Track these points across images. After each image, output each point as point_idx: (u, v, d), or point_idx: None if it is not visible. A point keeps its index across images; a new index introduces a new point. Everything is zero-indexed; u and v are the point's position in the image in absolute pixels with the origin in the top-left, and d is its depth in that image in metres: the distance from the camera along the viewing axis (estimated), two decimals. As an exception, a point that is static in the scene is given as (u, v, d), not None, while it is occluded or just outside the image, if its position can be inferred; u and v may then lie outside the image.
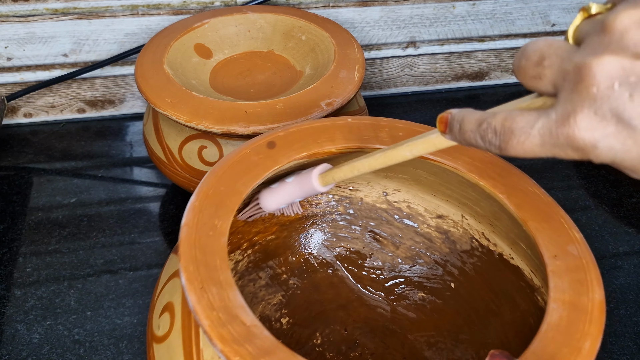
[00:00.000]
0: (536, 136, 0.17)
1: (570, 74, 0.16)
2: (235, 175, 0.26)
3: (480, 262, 0.31)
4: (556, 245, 0.24)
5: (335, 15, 0.50)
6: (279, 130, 0.28)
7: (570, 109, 0.16)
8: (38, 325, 0.35)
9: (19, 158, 0.47)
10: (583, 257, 0.24)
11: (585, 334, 0.21)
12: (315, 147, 0.28)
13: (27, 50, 0.46)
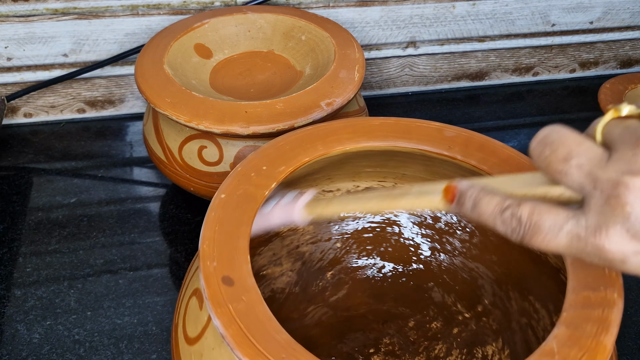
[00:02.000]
0: (563, 238, 0.17)
1: (603, 185, 0.16)
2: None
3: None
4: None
5: (335, 15, 0.50)
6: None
7: (602, 221, 0.16)
8: (38, 325, 0.35)
9: (19, 158, 0.47)
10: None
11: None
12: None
13: (27, 50, 0.46)
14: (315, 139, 0.27)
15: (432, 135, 0.28)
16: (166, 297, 0.37)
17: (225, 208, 0.23)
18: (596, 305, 0.22)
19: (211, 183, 0.38)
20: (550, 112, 0.57)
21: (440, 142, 0.28)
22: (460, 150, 0.28)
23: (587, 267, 0.23)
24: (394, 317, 0.34)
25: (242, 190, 0.24)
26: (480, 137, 0.29)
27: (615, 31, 0.59)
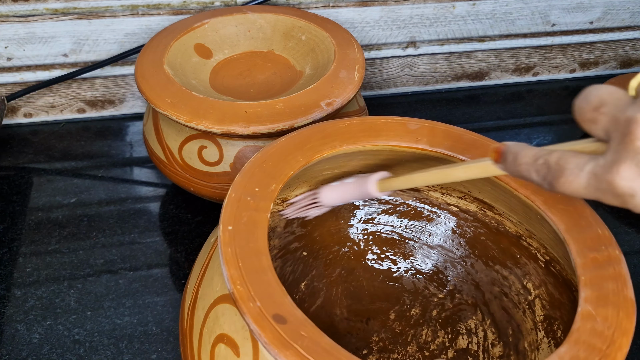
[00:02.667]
0: (583, 178, 0.18)
1: (620, 125, 0.17)
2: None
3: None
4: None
5: (335, 15, 0.50)
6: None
7: (615, 157, 0.17)
8: (38, 325, 0.35)
9: (19, 158, 0.47)
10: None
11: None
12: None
13: (27, 50, 0.46)
14: (294, 150, 0.27)
15: (398, 130, 0.29)
16: (166, 297, 0.37)
17: (238, 240, 0.23)
18: (605, 264, 0.24)
19: (211, 183, 0.38)
20: (551, 112, 0.57)
21: (407, 136, 0.29)
22: (428, 141, 0.29)
23: (580, 230, 0.25)
24: (374, 314, 0.34)
25: (245, 218, 0.24)
26: (442, 126, 0.30)
27: (615, 31, 0.59)
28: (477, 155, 0.28)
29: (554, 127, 0.55)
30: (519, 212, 0.30)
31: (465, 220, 0.34)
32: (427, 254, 0.35)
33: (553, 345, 0.29)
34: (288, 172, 0.26)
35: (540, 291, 0.31)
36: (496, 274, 0.33)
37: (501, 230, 0.32)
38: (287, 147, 0.27)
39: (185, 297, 0.27)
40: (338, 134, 0.28)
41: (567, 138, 0.53)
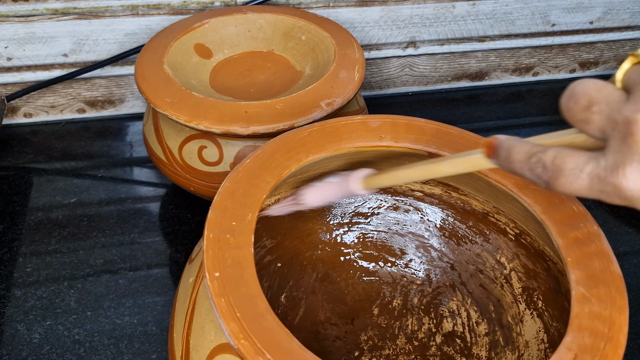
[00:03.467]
0: (585, 179, 0.17)
1: (620, 125, 0.16)
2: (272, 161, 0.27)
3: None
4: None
5: (335, 15, 0.50)
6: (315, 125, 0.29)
7: (619, 160, 0.16)
8: (38, 325, 0.35)
9: (19, 158, 0.47)
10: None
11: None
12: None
13: (27, 50, 0.46)
14: (260, 170, 0.26)
15: (360, 130, 0.29)
16: (166, 297, 0.37)
17: (228, 287, 0.21)
18: (587, 241, 0.24)
19: (211, 183, 0.38)
20: (551, 112, 0.57)
21: (370, 135, 0.29)
22: (391, 137, 0.29)
23: (555, 208, 0.25)
24: (357, 312, 0.34)
25: (230, 260, 0.22)
26: (403, 119, 0.29)
27: (615, 31, 0.59)
28: (443, 146, 0.28)
29: (554, 127, 0.55)
30: (486, 192, 0.30)
31: (431, 203, 0.34)
32: (398, 242, 0.35)
33: (536, 315, 0.30)
34: (260, 196, 0.25)
35: (515, 264, 0.31)
36: (468, 252, 0.33)
37: (467, 210, 0.32)
38: (252, 169, 0.26)
39: (173, 348, 0.25)
40: (301, 145, 0.27)
41: (567, 138, 0.53)
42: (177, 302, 0.27)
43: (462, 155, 0.23)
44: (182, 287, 0.27)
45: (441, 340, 0.33)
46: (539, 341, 0.29)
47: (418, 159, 0.29)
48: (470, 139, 0.29)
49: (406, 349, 0.32)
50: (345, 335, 0.33)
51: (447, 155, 0.24)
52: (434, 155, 0.28)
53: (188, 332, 0.24)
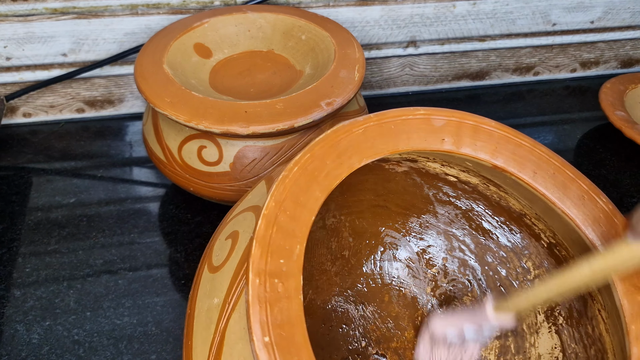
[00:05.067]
0: None
1: None
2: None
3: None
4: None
5: (335, 14, 0.50)
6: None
7: None
8: (37, 326, 0.35)
9: (18, 158, 0.47)
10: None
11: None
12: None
13: (26, 50, 0.46)
14: (308, 182, 0.22)
15: (421, 129, 0.25)
16: (166, 298, 0.37)
17: (276, 338, 0.18)
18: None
19: (211, 183, 0.38)
20: (551, 112, 0.57)
21: (431, 136, 0.25)
22: (454, 142, 0.25)
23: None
24: (368, 297, 0.32)
25: (279, 317, 0.19)
26: (471, 119, 0.26)
27: (616, 31, 0.59)
28: (510, 160, 0.25)
29: (555, 127, 0.55)
30: (537, 205, 0.28)
31: (464, 191, 0.31)
32: (418, 228, 0.33)
33: (554, 331, 0.28)
34: (308, 219, 0.21)
35: (541, 271, 0.29)
36: (493, 248, 0.31)
37: (503, 205, 0.29)
38: (299, 182, 0.22)
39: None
40: (355, 145, 0.23)
41: (567, 138, 0.53)
42: (195, 321, 0.23)
43: (608, 252, 0.20)
44: (201, 304, 0.23)
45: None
46: (553, 358, 0.28)
47: (480, 166, 0.26)
48: (541, 154, 0.26)
49: (413, 343, 0.31)
50: (354, 321, 0.32)
51: (582, 262, 0.21)
52: (498, 168, 0.25)
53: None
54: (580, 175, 0.26)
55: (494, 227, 0.31)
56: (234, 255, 0.23)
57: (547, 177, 0.25)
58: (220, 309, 0.22)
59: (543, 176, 0.25)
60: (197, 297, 0.24)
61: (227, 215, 0.27)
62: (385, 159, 0.29)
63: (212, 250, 0.25)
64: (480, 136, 0.25)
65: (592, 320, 0.26)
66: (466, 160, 0.26)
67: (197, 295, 0.24)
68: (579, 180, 0.25)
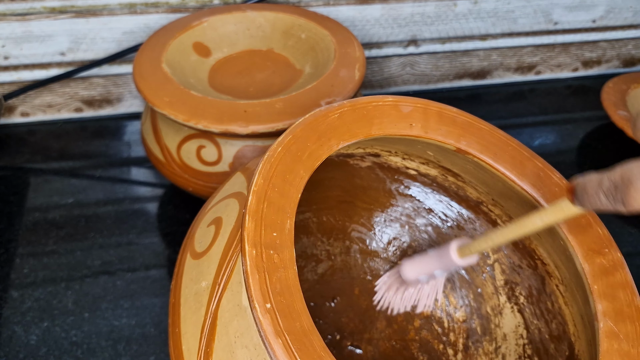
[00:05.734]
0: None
1: None
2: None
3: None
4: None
5: (335, 13, 0.50)
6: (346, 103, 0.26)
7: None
8: (35, 327, 0.34)
9: (15, 158, 0.47)
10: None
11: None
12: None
13: (24, 49, 0.46)
14: (293, 162, 0.23)
15: (391, 114, 0.26)
16: (164, 299, 0.36)
17: (283, 322, 0.19)
18: (612, 269, 0.24)
19: (210, 183, 0.37)
20: (553, 111, 0.57)
21: (401, 122, 0.26)
22: (422, 127, 0.26)
23: (583, 231, 0.25)
24: (338, 292, 0.33)
25: (279, 286, 0.20)
26: (435, 106, 0.27)
27: (617, 30, 0.59)
28: (473, 143, 0.27)
29: (557, 126, 0.55)
30: (495, 190, 0.29)
31: (424, 183, 0.32)
32: (383, 222, 0.35)
33: (516, 310, 0.30)
34: (295, 196, 0.22)
35: (499, 255, 0.31)
36: (453, 237, 0.32)
37: (460, 195, 0.31)
38: (285, 161, 0.23)
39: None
40: (333, 129, 0.25)
41: (570, 137, 0.53)
42: (182, 307, 0.23)
43: (550, 206, 0.23)
44: (188, 290, 0.24)
45: (420, 324, 0.33)
46: (518, 336, 0.30)
47: (450, 154, 0.28)
48: (500, 137, 0.28)
49: (385, 332, 0.32)
50: (327, 315, 0.33)
51: (535, 211, 0.23)
52: (463, 152, 0.27)
53: (207, 353, 0.21)
54: (535, 155, 0.27)
55: (453, 216, 0.33)
56: (219, 239, 0.24)
57: (506, 157, 0.27)
58: (209, 291, 0.22)
59: (503, 157, 0.27)
60: (181, 285, 0.24)
61: (204, 207, 0.28)
62: (350, 154, 0.30)
63: (193, 239, 0.26)
64: (444, 121, 0.27)
65: (550, 296, 0.28)
66: (431, 146, 0.28)
67: (182, 283, 0.24)
68: (535, 160, 0.27)
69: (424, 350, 0.32)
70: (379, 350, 0.32)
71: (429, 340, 0.32)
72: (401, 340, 0.32)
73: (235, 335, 0.20)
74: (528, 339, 0.29)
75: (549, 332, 0.28)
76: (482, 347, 0.31)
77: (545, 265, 0.28)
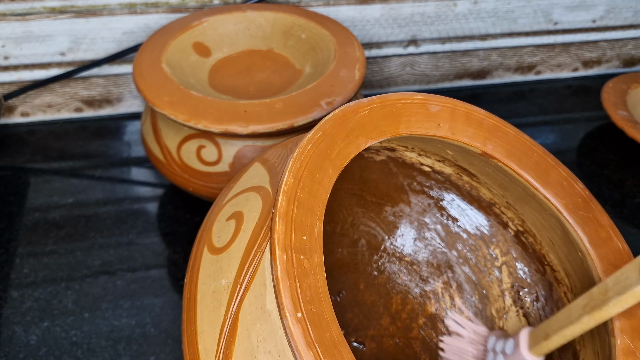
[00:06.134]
0: None
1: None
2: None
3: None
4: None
5: (335, 13, 0.50)
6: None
7: None
8: (35, 327, 0.34)
9: (15, 158, 0.47)
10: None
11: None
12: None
13: (24, 49, 0.46)
14: (322, 160, 0.22)
15: (419, 113, 0.26)
16: (164, 299, 0.36)
17: (314, 331, 0.18)
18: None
19: (210, 183, 0.37)
20: (553, 112, 0.57)
21: (428, 121, 0.26)
22: (449, 128, 0.26)
23: (603, 244, 0.24)
24: (344, 286, 0.33)
25: (309, 293, 0.19)
26: (463, 107, 0.27)
27: (617, 30, 0.59)
28: (499, 147, 0.26)
29: (557, 126, 0.55)
30: (511, 192, 0.29)
31: (437, 181, 0.32)
32: (392, 217, 0.34)
33: (522, 314, 0.29)
34: (324, 196, 0.21)
35: (508, 258, 0.31)
36: (463, 236, 0.32)
37: (473, 195, 0.31)
38: (314, 159, 0.22)
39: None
40: (361, 126, 0.24)
41: (570, 137, 0.53)
42: (198, 304, 0.22)
43: (625, 293, 0.20)
44: (205, 287, 0.22)
45: (423, 322, 0.32)
46: None
47: (472, 155, 0.27)
48: (525, 142, 0.27)
49: (389, 330, 0.32)
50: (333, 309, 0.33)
51: (611, 294, 0.21)
52: (488, 156, 0.26)
53: (227, 355, 0.20)
54: (559, 164, 0.27)
55: (463, 217, 0.32)
56: (241, 235, 0.23)
57: (530, 164, 0.27)
58: (230, 291, 0.21)
59: (527, 163, 0.26)
60: (198, 280, 0.23)
61: (221, 197, 0.27)
62: (366, 147, 0.29)
63: (210, 232, 0.25)
64: (472, 123, 0.27)
65: (557, 302, 0.27)
66: (453, 146, 0.27)
67: (199, 278, 0.23)
68: (559, 168, 0.27)
69: (426, 348, 0.32)
70: (381, 347, 0.32)
71: (432, 338, 0.32)
72: (404, 338, 0.32)
73: (258, 339, 0.20)
74: None
75: None
76: None
77: (555, 272, 0.28)
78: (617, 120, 0.49)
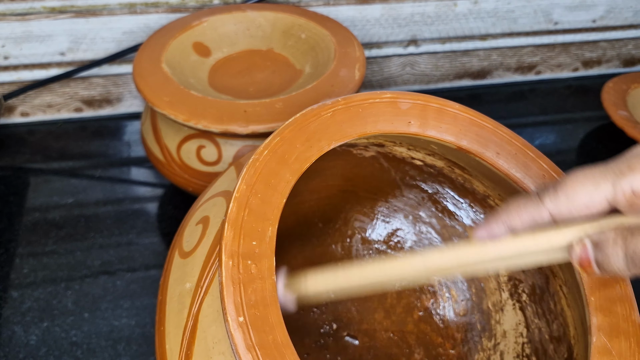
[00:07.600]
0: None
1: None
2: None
3: None
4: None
5: (335, 13, 0.50)
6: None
7: None
8: (35, 327, 0.34)
9: (15, 158, 0.47)
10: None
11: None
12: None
13: (24, 49, 0.46)
14: (278, 165, 0.22)
15: (387, 112, 0.25)
16: (164, 299, 0.36)
17: (255, 335, 0.19)
18: (612, 282, 0.23)
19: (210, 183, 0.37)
20: (553, 112, 0.57)
21: (397, 119, 0.25)
22: (420, 124, 0.25)
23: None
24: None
25: (254, 297, 0.19)
26: (435, 102, 0.26)
27: (618, 29, 0.59)
28: (474, 142, 0.26)
29: (557, 126, 0.55)
30: (501, 186, 0.29)
31: (430, 174, 0.32)
32: (386, 212, 0.34)
33: (518, 307, 0.29)
34: (279, 202, 0.21)
35: None
36: (458, 230, 0.32)
37: (467, 188, 0.31)
38: (269, 165, 0.22)
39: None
40: (323, 129, 0.24)
41: (570, 137, 0.53)
42: (167, 307, 0.23)
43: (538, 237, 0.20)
44: (173, 290, 0.23)
45: (418, 317, 0.32)
46: (518, 334, 0.29)
47: (445, 149, 0.27)
48: (504, 135, 0.27)
49: (383, 324, 0.32)
50: (325, 304, 0.32)
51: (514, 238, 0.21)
52: (463, 150, 0.26)
53: (188, 355, 0.21)
54: (541, 156, 0.27)
55: (458, 209, 0.32)
56: (205, 240, 0.23)
57: (509, 157, 0.26)
58: (192, 294, 0.22)
59: (505, 156, 0.26)
60: (168, 284, 0.24)
61: (196, 201, 0.27)
62: (353, 144, 0.29)
63: (182, 236, 0.25)
64: (445, 118, 0.26)
65: (553, 296, 0.27)
66: (431, 143, 0.27)
67: (169, 282, 0.24)
68: (540, 160, 0.26)
69: (421, 342, 0.32)
70: (375, 341, 0.32)
71: (427, 332, 0.32)
72: (399, 332, 0.32)
73: (214, 341, 0.20)
74: (527, 337, 0.29)
75: (549, 333, 0.28)
76: (480, 342, 0.31)
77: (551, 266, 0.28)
78: (618, 120, 0.48)
